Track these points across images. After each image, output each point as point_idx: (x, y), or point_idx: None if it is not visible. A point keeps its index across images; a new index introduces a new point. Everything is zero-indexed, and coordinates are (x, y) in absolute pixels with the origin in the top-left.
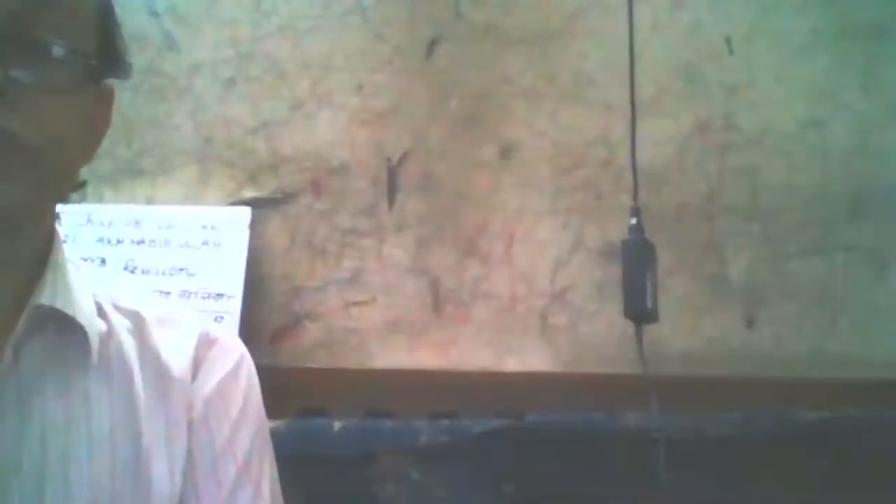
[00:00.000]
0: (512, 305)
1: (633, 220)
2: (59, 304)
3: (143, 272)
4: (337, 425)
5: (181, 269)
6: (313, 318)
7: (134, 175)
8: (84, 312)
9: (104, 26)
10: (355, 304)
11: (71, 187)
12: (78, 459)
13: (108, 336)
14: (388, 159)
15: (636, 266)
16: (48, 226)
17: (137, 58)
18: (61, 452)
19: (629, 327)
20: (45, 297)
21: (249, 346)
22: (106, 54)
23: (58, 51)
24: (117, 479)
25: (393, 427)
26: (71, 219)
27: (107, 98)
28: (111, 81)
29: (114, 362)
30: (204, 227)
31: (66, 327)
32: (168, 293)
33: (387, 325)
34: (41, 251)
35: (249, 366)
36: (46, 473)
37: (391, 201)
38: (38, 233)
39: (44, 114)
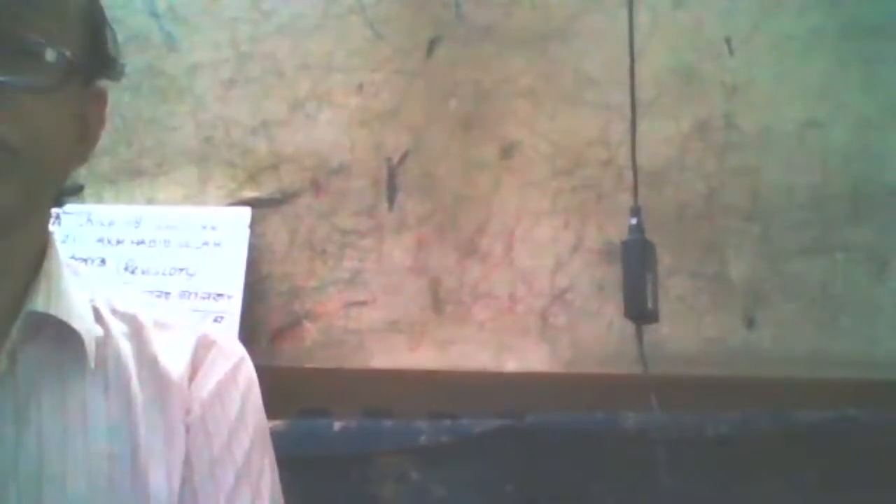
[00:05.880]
0: (512, 305)
1: (633, 220)
2: (53, 310)
3: (143, 272)
4: (337, 425)
5: (181, 270)
6: (313, 318)
7: (134, 175)
8: (80, 318)
9: (92, 27)
10: (355, 304)
11: (64, 190)
12: (75, 465)
13: (105, 341)
14: (388, 159)
15: (636, 266)
16: (42, 229)
17: (137, 58)
18: (58, 459)
19: (629, 327)
20: (39, 304)
21: (249, 346)
22: (95, 55)
23: (44, 53)
24: (115, 485)
25: (393, 427)
26: (71, 219)
27: (99, 99)
28: (104, 83)
29: (111, 367)
30: (204, 227)
31: (61, 333)
32: (168, 293)
33: (387, 325)
34: (36, 256)
35: (248, 368)
36: (44, 480)
37: (391, 201)
38: (31, 236)
39: (30, 115)
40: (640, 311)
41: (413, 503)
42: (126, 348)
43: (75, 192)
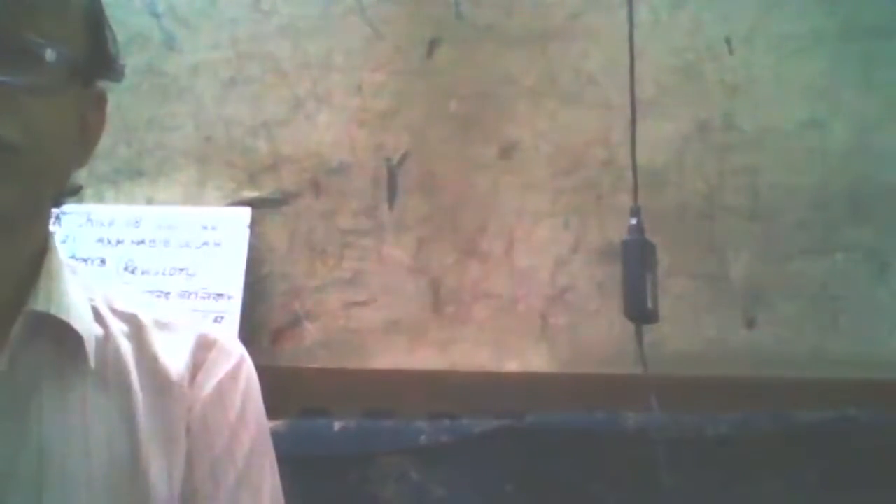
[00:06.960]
0: (512, 305)
1: (633, 220)
2: (53, 310)
3: (143, 272)
4: (337, 425)
5: (181, 270)
6: (313, 318)
7: (134, 175)
8: (80, 317)
9: (92, 28)
10: (355, 304)
11: (64, 190)
12: (75, 466)
13: (105, 341)
14: (388, 159)
15: (636, 266)
16: (42, 229)
17: (137, 58)
18: (58, 459)
19: (629, 327)
20: (39, 303)
21: (249, 346)
22: (95, 57)
23: (45, 53)
24: (115, 485)
25: (393, 427)
26: (71, 219)
27: (100, 101)
28: (104, 84)
29: (111, 367)
30: (204, 228)
31: (61, 333)
32: (168, 293)
33: (387, 325)
34: (36, 255)
35: (249, 368)
36: (44, 482)
37: (391, 201)
38: (32, 236)
39: (30, 115)
40: (640, 311)
41: (413, 503)
42: (126, 348)
43: (75, 192)
